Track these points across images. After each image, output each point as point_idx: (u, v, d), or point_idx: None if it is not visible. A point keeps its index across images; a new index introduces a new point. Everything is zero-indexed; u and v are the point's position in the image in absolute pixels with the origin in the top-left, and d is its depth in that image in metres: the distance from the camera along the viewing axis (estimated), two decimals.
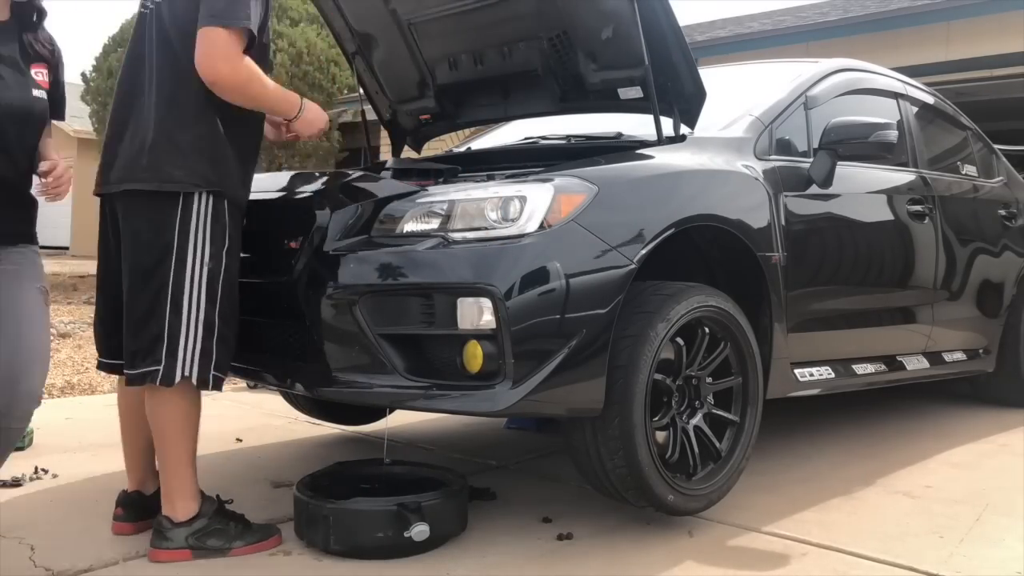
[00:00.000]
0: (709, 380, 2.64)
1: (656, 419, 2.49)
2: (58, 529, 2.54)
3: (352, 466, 2.77)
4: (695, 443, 2.58)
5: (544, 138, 3.41)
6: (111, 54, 12.61)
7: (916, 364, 3.69)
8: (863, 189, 3.42)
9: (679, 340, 2.52)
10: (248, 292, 2.47)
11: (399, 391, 2.30)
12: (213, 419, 3.95)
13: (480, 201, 2.32)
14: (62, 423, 3.95)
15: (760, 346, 2.76)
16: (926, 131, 4.06)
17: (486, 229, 2.27)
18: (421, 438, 3.73)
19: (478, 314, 2.21)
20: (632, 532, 2.55)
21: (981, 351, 4.19)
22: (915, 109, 4.02)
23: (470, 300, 2.21)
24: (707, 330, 2.59)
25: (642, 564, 2.32)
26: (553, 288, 2.23)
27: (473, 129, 4.11)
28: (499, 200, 2.30)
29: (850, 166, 3.25)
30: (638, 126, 3.03)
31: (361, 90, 3.58)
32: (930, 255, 3.70)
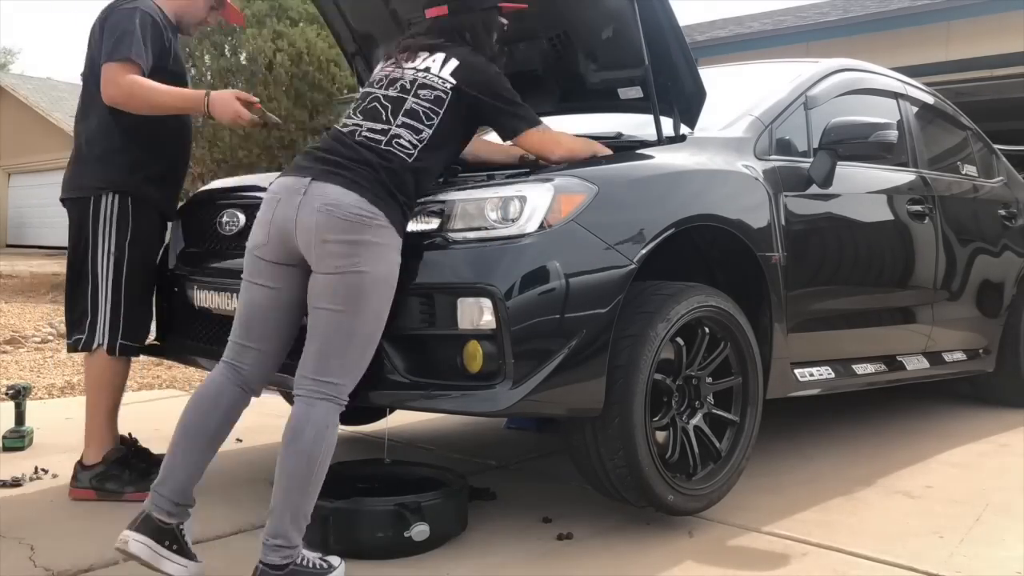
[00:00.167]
0: (709, 380, 2.64)
1: (656, 419, 2.49)
2: (58, 529, 2.54)
3: (352, 466, 2.77)
4: (695, 443, 2.58)
5: None
6: None
7: (916, 364, 3.69)
8: (863, 189, 3.42)
9: (679, 340, 2.52)
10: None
11: (399, 391, 2.30)
12: None
13: (480, 201, 2.32)
14: (62, 423, 3.95)
15: (760, 346, 2.76)
16: (926, 131, 4.06)
17: (486, 229, 2.27)
18: (421, 438, 3.73)
19: (478, 314, 2.21)
20: (632, 532, 2.55)
21: (981, 351, 4.18)
22: (915, 109, 4.02)
23: (470, 300, 2.21)
24: (707, 330, 2.59)
25: (642, 564, 2.32)
26: (553, 288, 2.23)
27: None
28: (499, 200, 2.30)
29: (850, 166, 3.25)
30: (638, 126, 3.02)
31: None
32: (930, 255, 3.70)
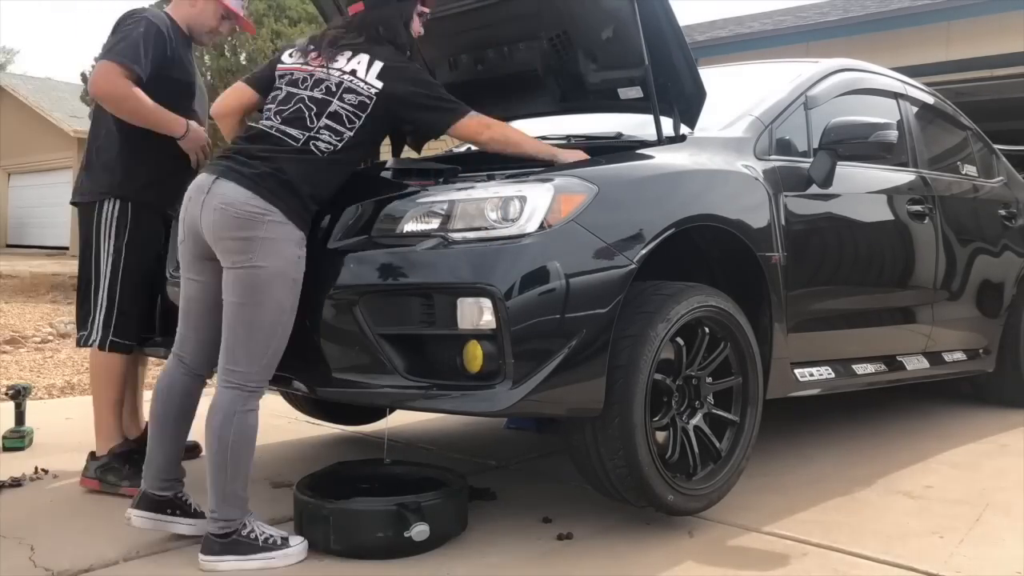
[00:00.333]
0: (709, 380, 2.64)
1: (656, 419, 2.48)
2: (58, 529, 2.54)
3: (352, 466, 2.77)
4: (695, 443, 2.58)
5: (544, 138, 3.40)
6: None
7: (916, 364, 3.69)
8: (863, 189, 3.42)
9: (679, 340, 2.52)
10: None
11: (399, 391, 2.30)
12: None
13: (480, 201, 2.32)
14: (62, 423, 3.95)
15: (760, 346, 2.76)
16: (926, 131, 4.06)
17: (486, 229, 2.27)
18: (421, 438, 3.73)
19: (478, 314, 2.21)
20: (632, 532, 2.55)
21: (981, 351, 4.18)
22: (915, 109, 4.02)
23: (470, 300, 2.21)
24: (707, 330, 2.59)
25: (642, 564, 2.32)
26: (553, 288, 2.23)
27: None
28: (499, 200, 2.30)
29: (850, 166, 3.25)
30: (638, 126, 3.02)
31: None
32: (930, 255, 3.70)
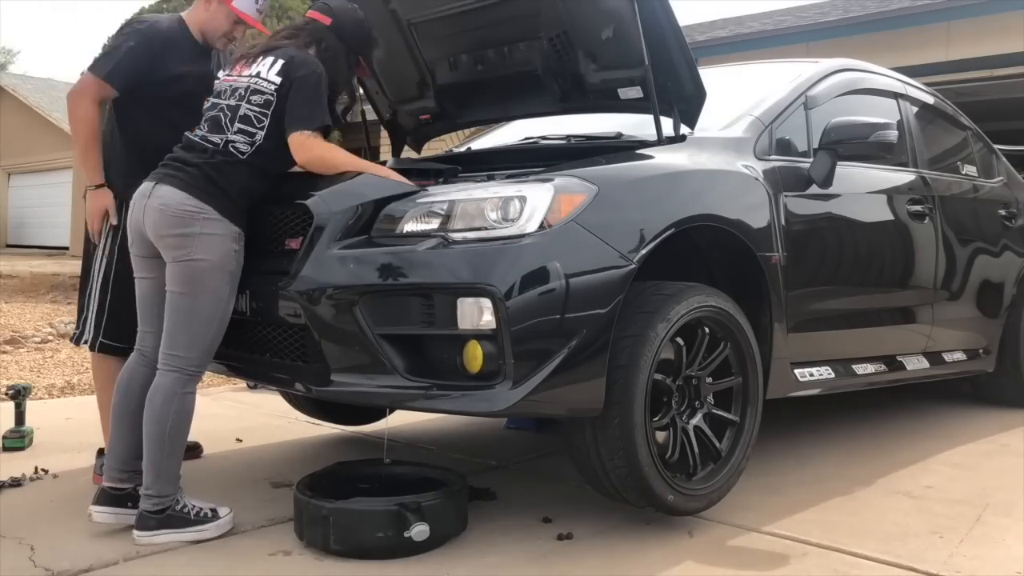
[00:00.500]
0: (709, 380, 2.64)
1: (656, 419, 2.48)
2: (58, 529, 2.54)
3: (352, 466, 2.77)
4: (695, 443, 2.58)
5: (544, 138, 3.41)
6: None
7: (916, 364, 3.69)
8: (863, 189, 3.42)
9: (679, 340, 2.52)
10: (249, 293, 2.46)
11: (399, 391, 2.30)
12: (213, 419, 3.96)
13: (480, 201, 2.32)
14: (62, 423, 3.95)
15: (760, 346, 2.76)
16: (926, 131, 4.06)
17: (486, 229, 2.27)
18: (421, 438, 3.73)
19: (478, 314, 2.21)
20: (632, 532, 2.55)
21: (981, 351, 4.19)
22: (915, 109, 4.02)
23: (470, 300, 2.21)
24: (707, 330, 2.59)
25: (642, 564, 2.32)
26: (553, 288, 2.23)
27: (473, 129, 4.11)
28: (499, 200, 2.30)
29: (850, 166, 3.25)
30: (638, 126, 3.02)
31: (361, 90, 3.58)
32: (930, 255, 3.70)
